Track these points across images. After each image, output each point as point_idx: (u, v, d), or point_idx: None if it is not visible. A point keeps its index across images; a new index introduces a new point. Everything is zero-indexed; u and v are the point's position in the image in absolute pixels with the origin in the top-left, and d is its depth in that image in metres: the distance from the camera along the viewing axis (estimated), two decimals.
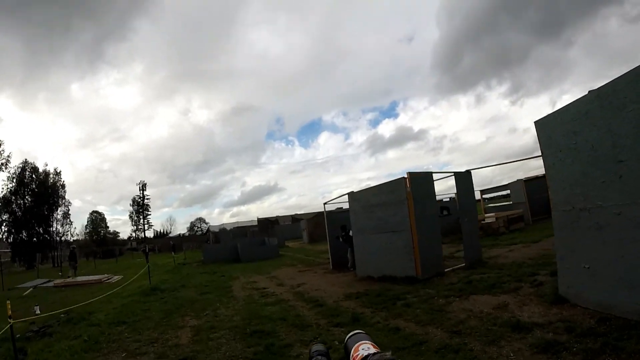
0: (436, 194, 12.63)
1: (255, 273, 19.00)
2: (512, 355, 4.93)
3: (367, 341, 1.67)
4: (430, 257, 11.28)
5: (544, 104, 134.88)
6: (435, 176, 12.54)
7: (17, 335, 8.92)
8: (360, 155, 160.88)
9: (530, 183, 25.21)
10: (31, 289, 21.79)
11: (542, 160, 7.32)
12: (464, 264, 12.12)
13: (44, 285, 23.13)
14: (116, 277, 24.01)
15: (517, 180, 26.57)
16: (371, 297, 9.72)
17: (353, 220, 13.83)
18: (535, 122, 7.24)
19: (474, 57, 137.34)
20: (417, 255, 10.98)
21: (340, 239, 16.01)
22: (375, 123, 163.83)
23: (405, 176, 11.48)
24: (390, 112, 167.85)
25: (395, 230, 11.71)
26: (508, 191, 31.31)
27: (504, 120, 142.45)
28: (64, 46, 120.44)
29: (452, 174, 13.32)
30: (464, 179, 13.25)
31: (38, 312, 12.36)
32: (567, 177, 6.57)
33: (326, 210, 18.28)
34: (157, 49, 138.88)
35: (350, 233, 15.44)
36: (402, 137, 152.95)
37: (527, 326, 5.76)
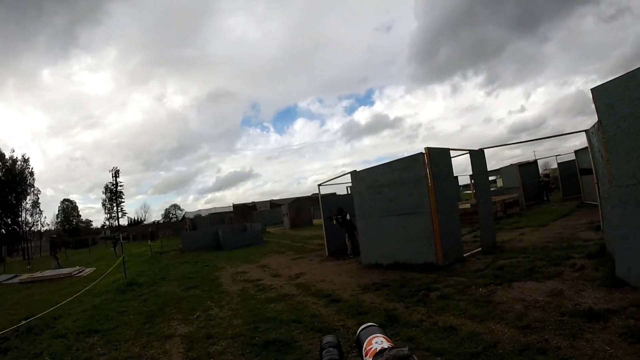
0: None
1: (242, 262, 17.55)
2: (607, 349, 4.29)
3: (380, 334, 1.52)
4: (451, 241, 10.27)
5: (519, 96, 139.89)
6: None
7: None
8: (335, 142, 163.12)
9: (522, 168, 25.25)
10: None
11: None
12: (480, 249, 11.30)
13: (9, 281, 21.47)
14: (88, 270, 22.47)
15: (511, 165, 26.49)
16: (394, 288, 8.52)
17: (357, 202, 12.40)
18: (593, 89, 6.56)
19: (451, 49, 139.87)
20: (438, 239, 9.87)
21: (334, 222, 14.88)
22: (351, 110, 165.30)
23: (423, 151, 10.19)
24: (366, 99, 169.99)
25: (411, 213, 10.47)
26: (493, 177, 31.18)
27: (479, 110, 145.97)
28: (36, 30, 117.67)
29: (468, 151, 12.20)
30: (478, 158, 12.23)
31: None
32: (632, 148, 5.94)
33: (320, 192, 16.85)
34: (132, 34, 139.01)
35: (348, 217, 14.47)
36: (378, 125, 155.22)
37: (601, 314, 5.19)
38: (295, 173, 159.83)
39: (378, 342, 1.45)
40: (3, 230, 56.67)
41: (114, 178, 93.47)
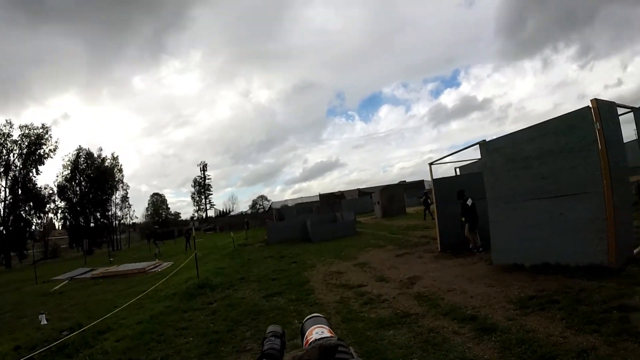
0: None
1: (335, 257, 15.47)
2: None
3: (323, 325, 1.30)
4: (625, 234, 7.66)
5: (615, 67, 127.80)
6: None
7: None
8: (422, 128, 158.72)
9: None
10: (66, 281, 20.19)
11: None
12: None
13: (82, 276, 21.59)
14: (165, 265, 22.23)
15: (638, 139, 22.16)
16: (567, 305, 6.02)
17: (490, 181, 9.72)
18: None
19: (538, 20, 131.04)
20: (613, 231, 7.14)
21: (463, 205, 12.29)
22: (437, 93, 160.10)
23: (590, 105, 7.39)
24: (452, 81, 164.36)
25: (571, 194, 7.77)
26: None
27: (572, 85, 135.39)
28: (126, 41, 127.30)
29: (631, 109, 9.29)
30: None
31: (44, 322, 10.68)
32: None
33: (432, 174, 14.22)
34: (215, 35, 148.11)
35: (470, 202, 12.04)
36: (466, 107, 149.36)
37: None
38: (382, 161, 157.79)
39: (318, 332, 1.24)
40: (92, 223, 59.85)
41: (202, 172, 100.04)
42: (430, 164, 14.21)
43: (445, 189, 13.46)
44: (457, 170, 17.01)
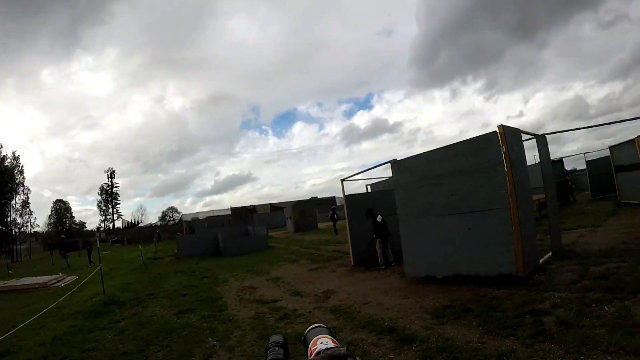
0: None
1: (248, 272, 15.44)
2: None
3: (327, 335, 1.37)
4: (530, 246, 8.41)
5: (518, 101, 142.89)
6: None
7: None
8: (334, 146, 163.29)
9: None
10: None
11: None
12: (550, 254, 9.57)
13: None
14: (68, 279, 20.84)
15: (537, 162, 24.30)
16: (481, 313, 6.43)
17: (402, 198, 10.20)
18: None
19: (451, 54, 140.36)
20: (519, 243, 7.82)
21: (374, 222, 12.60)
22: (350, 114, 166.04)
23: (497, 130, 8.09)
24: (365, 103, 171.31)
25: (481, 210, 8.38)
26: None
27: (478, 114, 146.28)
28: (37, 28, 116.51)
29: (534, 136, 10.47)
30: (543, 144, 10.60)
31: None
32: None
33: (344, 190, 14.57)
34: (133, 34, 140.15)
35: (379, 219, 12.45)
36: (377, 129, 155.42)
37: None
38: (294, 177, 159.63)
39: (323, 342, 1.30)
40: None
41: (110, 179, 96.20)
42: (342, 180, 14.56)
43: (357, 205, 13.90)
44: (369, 187, 17.58)
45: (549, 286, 7.24)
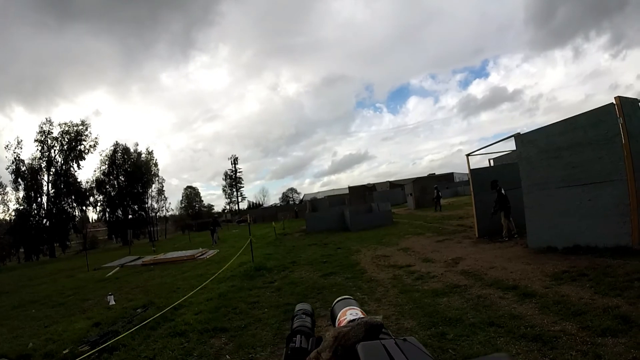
0: None
1: (377, 244, 16.44)
2: None
3: (356, 307, 1.39)
4: None
5: None
6: None
7: (65, 351, 6.97)
8: (451, 119, 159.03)
9: None
10: (117, 268, 21.06)
11: None
12: None
13: (132, 263, 22.39)
14: (211, 252, 22.81)
15: None
16: (595, 277, 7.09)
17: (525, 170, 10.77)
18: None
19: (569, 8, 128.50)
20: (635, 216, 8.16)
21: (498, 194, 13.17)
22: (465, 84, 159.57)
23: (614, 101, 8.47)
24: (481, 71, 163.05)
25: (599, 181, 8.80)
26: None
27: (605, 75, 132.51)
28: (155, 38, 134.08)
29: None
30: None
31: (112, 302, 10.99)
32: None
33: (470, 164, 15.12)
34: (243, 29, 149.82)
35: (503, 191, 12.94)
36: (496, 98, 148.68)
37: None
38: (411, 153, 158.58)
39: (352, 313, 1.33)
40: (130, 216, 61.82)
41: (233, 165, 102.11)
42: (468, 155, 15.07)
43: (482, 179, 14.41)
44: (491, 161, 17.81)
45: None
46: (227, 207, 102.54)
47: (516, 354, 4.61)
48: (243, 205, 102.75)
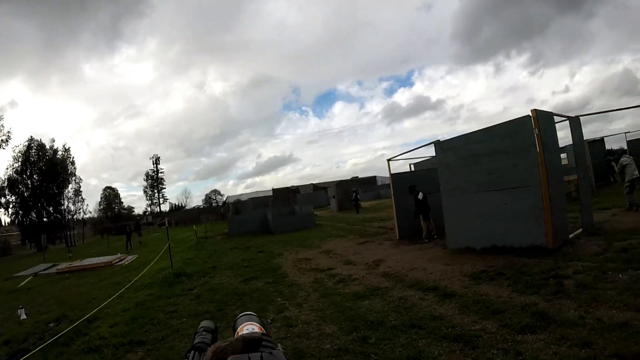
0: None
1: (300, 247, 16.52)
2: None
3: (255, 322, 1.39)
4: (560, 220, 9.21)
5: (564, 75, 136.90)
6: None
7: None
8: (376, 125, 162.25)
9: (590, 146, 22.53)
10: (30, 277, 19.92)
11: None
12: (580, 230, 10.37)
13: (46, 271, 21.30)
14: (130, 258, 22.36)
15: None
16: (512, 276, 7.49)
17: (445, 176, 11.17)
18: None
19: (494, 27, 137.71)
20: (549, 217, 8.74)
21: (415, 199, 13.54)
22: (391, 92, 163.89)
23: (530, 114, 8.98)
24: (407, 81, 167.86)
25: (515, 187, 9.32)
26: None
27: (522, 90, 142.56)
28: (80, 26, 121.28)
29: (567, 118, 11.07)
30: (577, 126, 11.15)
31: (23, 316, 10.41)
32: None
33: (390, 169, 15.48)
34: (173, 24, 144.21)
35: (421, 196, 13.38)
36: (419, 107, 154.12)
37: None
38: (335, 157, 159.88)
39: (249, 328, 1.33)
40: (45, 218, 57.34)
41: (155, 165, 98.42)
42: (389, 160, 15.52)
43: (402, 183, 14.76)
44: (412, 166, 18.34)
45: (574, 257, 8.09)
46: (149, 209, 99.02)
47: (438, 356, 4.72)
48: (165, 207, 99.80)
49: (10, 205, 55.21)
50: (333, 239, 17.62)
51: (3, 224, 63.57)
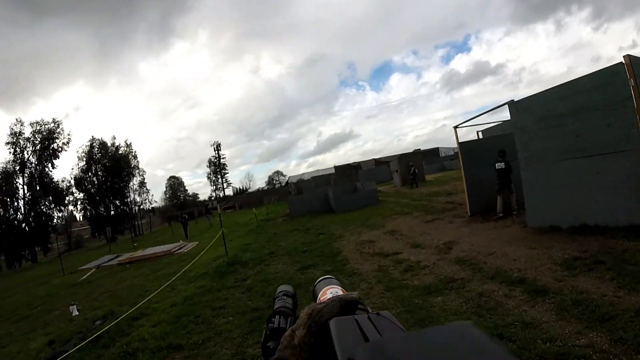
0: None
1: (362, 227, 15.44)
2: None
3: (337, 286, 1.36)
4: None
5: (629, 29, 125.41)
6: None
7: None
8: (434, 95, 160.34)
9: None
10: (93, 269, 20.59)
11: None
12: None
13: (108, 263, 21.93)
14: (190, 245, 22.44)
15: None
16: (614, 266, 5.94)
17: (522, 141, 9.57)
18: None
19: None
20: None
21: (502, 167, 11.77)
22: (448, 59, 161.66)
23: (623, 61, 7.27)
24: (463, 46, 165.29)
25: (608, 152, 7.65)
26: None
27: (586, 48, 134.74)
28: (132, 28, 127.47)
29: None
30: None
31: (75, 313, 10.50)
32: None
33: (458, 138, 13.79)
34: (222, 13, 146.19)
35: (501, 165, 11.76)
36: (479, 72, 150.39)
37: None
38: (395, 130, 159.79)
39: (332, 292, 1.28)
40: (112, 211, 60.74)
41: (216, 152, 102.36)
42: (455, 127, 13.91)
43: (472, 153, 13.30)
44: (479, 133, 16.72)
45: None
46: (213, 194, 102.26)
47: None
48: (229, 192, 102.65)
49: (79, 202, 58.61)
50: (397, 216, 16.36)
51: (78, 219, 66.91)
